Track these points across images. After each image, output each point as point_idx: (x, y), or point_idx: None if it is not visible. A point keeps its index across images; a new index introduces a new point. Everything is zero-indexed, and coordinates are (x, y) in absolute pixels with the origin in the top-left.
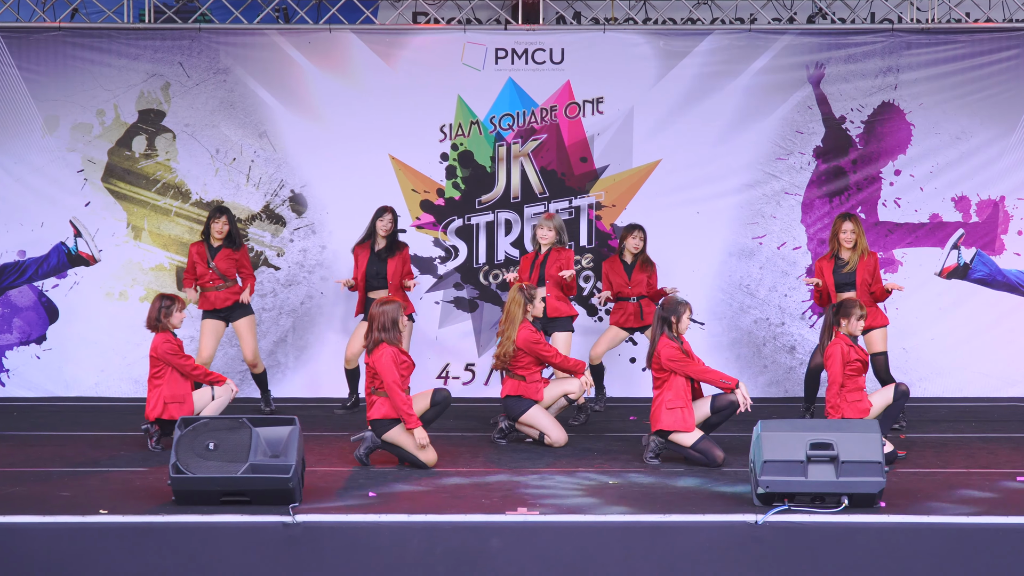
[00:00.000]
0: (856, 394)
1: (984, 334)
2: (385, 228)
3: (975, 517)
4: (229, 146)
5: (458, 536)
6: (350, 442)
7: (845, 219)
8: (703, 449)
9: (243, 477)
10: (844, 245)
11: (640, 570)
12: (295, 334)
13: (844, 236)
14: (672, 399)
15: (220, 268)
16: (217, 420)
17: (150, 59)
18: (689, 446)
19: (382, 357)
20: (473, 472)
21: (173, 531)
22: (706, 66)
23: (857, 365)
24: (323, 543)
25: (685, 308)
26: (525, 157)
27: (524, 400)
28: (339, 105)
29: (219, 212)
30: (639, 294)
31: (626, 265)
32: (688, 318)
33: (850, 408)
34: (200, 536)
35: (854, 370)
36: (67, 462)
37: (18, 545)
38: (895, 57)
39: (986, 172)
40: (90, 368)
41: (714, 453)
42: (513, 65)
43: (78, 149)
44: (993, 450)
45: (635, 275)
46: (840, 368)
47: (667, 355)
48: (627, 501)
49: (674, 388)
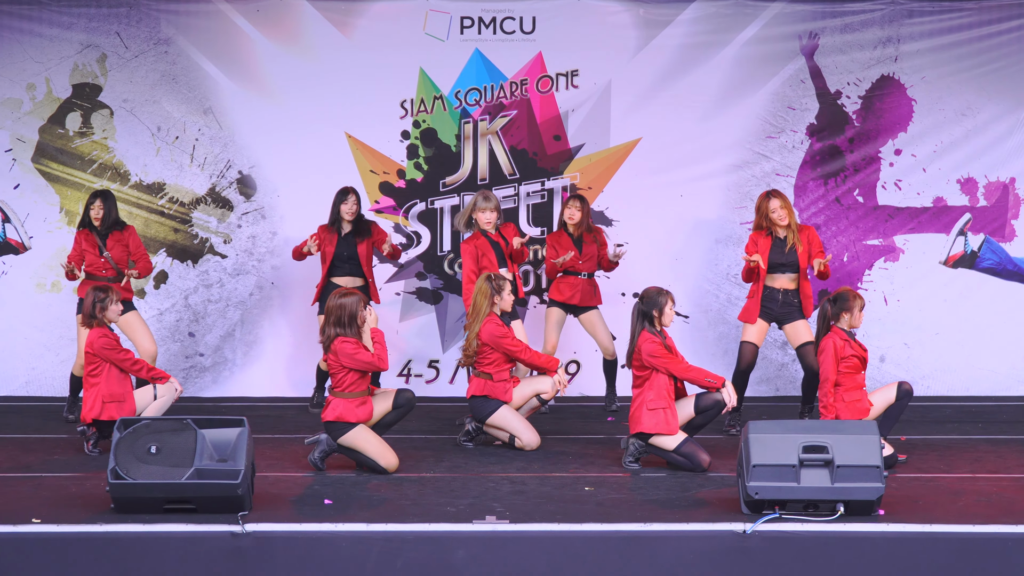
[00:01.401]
0: (854, 393)
1: (993, 328)
2: (350, 211)
3: (981, 526)
4: (171, 123)
5: (421, 547)
6: (304, 445)
7: (771, 197)
8: (687, 453)
9: (188, 483)
10: (779, 224)
11: None
12: (244, 328)
13: (776, 215)
14: (654, 399)
15: (113, 256)
16: (159, 421)
17: (84, 28)
18: (672, 450)
19: (343, 350)
20: (437, 478)
21: (112, 541)
22: (690, 36)
23: (854, 362)
24: (275, 554)
25: (667, 299)
26: (493, 135)
27: (491, 401)
28: (291, 79)
29: (96, 196)
30: (590, 270)
31: (573, 239)
32: (671, 310)
33: (847, 409)
34: (142, 547)
35: (850, 367)
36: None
37: None
38: (895, 27)
39: (994, 151)
40: (19, 365)
41: (699, 457)
42: (480, 35)
43: (6, 127)
44: (1002, 453)
45: (585, 249)
46: (833, 364)
47: (648, 350)
48: (604, 509)
49: (656, 387)
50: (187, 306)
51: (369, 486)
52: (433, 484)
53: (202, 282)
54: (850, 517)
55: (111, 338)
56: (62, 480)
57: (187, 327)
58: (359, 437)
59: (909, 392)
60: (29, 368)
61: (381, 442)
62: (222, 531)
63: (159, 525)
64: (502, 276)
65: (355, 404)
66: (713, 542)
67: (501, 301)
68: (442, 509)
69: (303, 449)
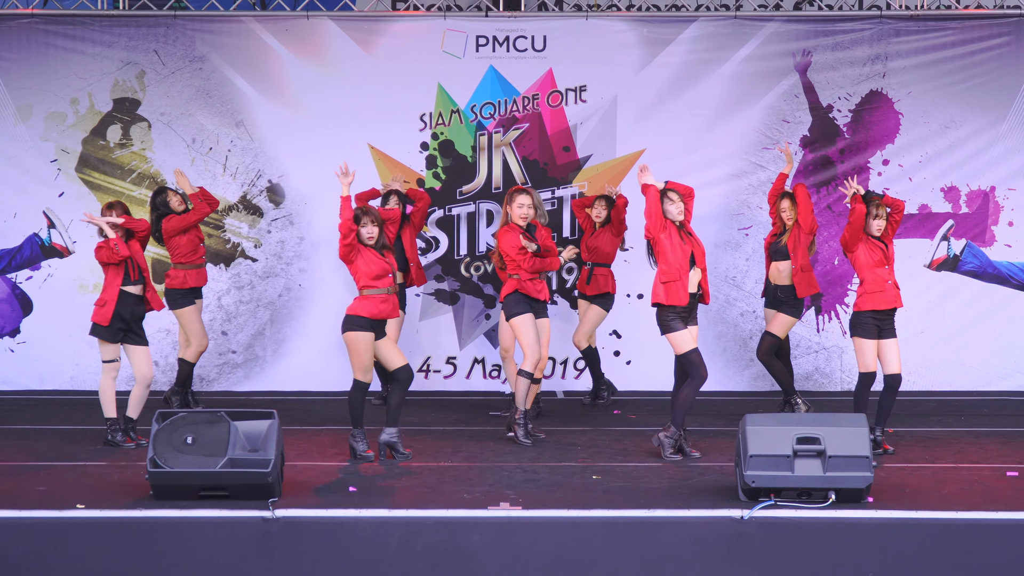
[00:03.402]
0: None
1: (974, 327)
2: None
3: (964, 513)
4: (205, 135)
5: (439, 531)
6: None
7: (784, 198)
8: (694, 361)
9: (222, 472)
10: (788, 222)
11: (624, 566)
12: (273, 327)
13: (787, 215)
14: (666, 271)
15: None
16: (195, 414)
17: (125, 47)
18: (681, 353)
19: None
20: (455, 467)
21: (151, 526)
22: (691, 54)
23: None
24: (302, 538)
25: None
26: (507, 146)
27: (522, 303)
28: (317, 94)
29: None
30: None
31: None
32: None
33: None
34: (178, 531)
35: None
36: (42, 456)
37: None
38: (883, 44)
39: (976, 162)
40: (65, 361)
41: (699, 371)
42: (494, 52)
43: (51, 138)
44: (983, 445)
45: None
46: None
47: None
48: (611, 496)
49: (666, 257)
50: (220, 306)
51: (391, 475)
52: (450, 473)
53: (234, 284)
54: (841, 504)
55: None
56: (104, 468)
57: (220, 326)
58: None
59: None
60: (73, 364)
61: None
62: (253, 516)
63: (194, 511)
64: (523, 188)
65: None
66: (712, 527)
67: (512, 212)
68: (459, 496)
69: (329, 439)
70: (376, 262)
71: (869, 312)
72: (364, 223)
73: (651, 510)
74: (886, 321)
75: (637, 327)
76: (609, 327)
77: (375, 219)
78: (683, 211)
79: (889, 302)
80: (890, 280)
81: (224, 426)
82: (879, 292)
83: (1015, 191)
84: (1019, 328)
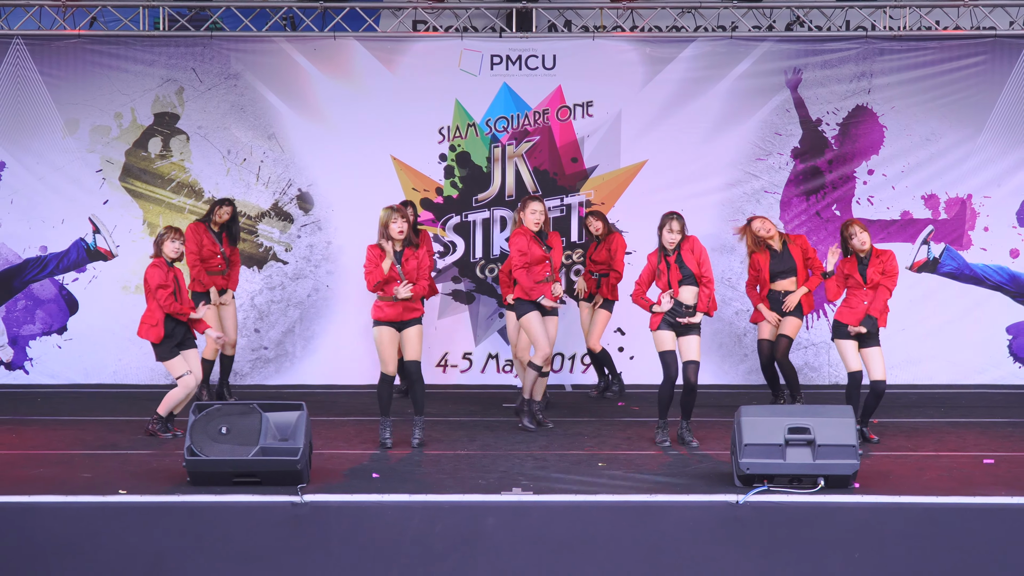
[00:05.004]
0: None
1: (952, 325)
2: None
3: (943, 497)
4: (240, 147)
5: (456, 515)
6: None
7: (751, 222)
8: (665, 361)
9: (254, 459)
10: (768, 237)
11: (627, 547)
12: (302, 325)
13: (763, 232)
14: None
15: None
16: (229, 406)
17: (165, 65)
18: (660, 351)
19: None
20: (470, 455)
21: (188, 510)
22: (690, 71)
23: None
24: (329, 521)
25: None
26: (519, 158)
27: (525, 303)
28: (343, 108)
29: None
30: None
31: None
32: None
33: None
34: (213, 514)
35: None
36: (87, 445)
37: (41, 524)
38: (869, 63)
39: (954, 172)
40: (108, 357)
41: (670, 371)
42: (507, 71)
43: (97, 150)
44: (961, 435)
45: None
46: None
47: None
48: (615, 482)
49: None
50: (253, 306)
51: (411, 462)
52: (467, 460)
53: (266, 285)
54: (829, 489)
55: (161, 270)
56: (145, 457)
57: (253, 324)
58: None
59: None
60: (116, 360)
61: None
62: (283, 501)
63: (228, 496)
64: (536, 197)
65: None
66: (709, 512)
67: (525, 217)
68: (474, 482)
69: (355, 429)
70: (382, 273)
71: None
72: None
73: (652, 495)
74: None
75: (640, 325)
76: (613, 325)
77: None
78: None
79: (857, 319)
80: (866, 301)
81: (256, 417)
82: (851, 309)
83: (990, 199)
84: (994, 325)
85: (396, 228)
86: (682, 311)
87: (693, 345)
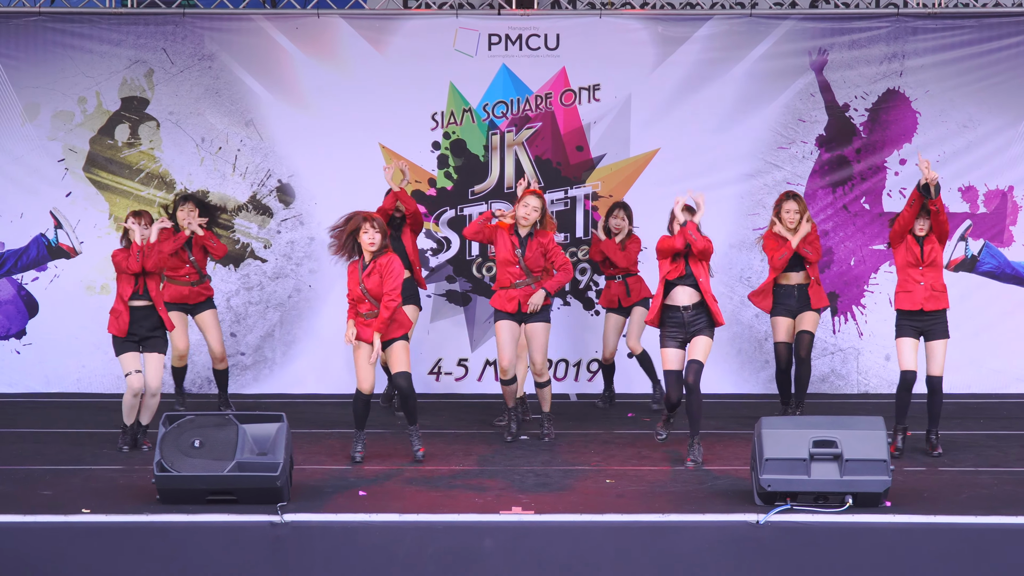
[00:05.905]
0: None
1: (992, 328)
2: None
3: (984, 517)
4: (215, 135)
5: (450, 536)
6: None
7: (789, 198)
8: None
9: (230, 475)
10: (788, 225)
11: (638, 571)
12: (282, 328)
13: (788, 216)
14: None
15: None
16: (203, 417)
17: (133, 45)
18: (664, 370)
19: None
20: (466, 470)
21: (158, 531)
22: (705, 52)
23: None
24: (312, 543)
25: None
26: (519, 146)
27: (498, 311)
28: (327, 93)
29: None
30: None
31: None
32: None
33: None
34: (185, 536)
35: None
36: (48, 460)
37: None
38: (900, 43)
39: (994, 161)
40: (71, 364)
41: (667, 392)
42: (507, 51)
43: (59, 138)
44: (1003, 448)
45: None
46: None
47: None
48: (624, 500)
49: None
50: (229, 307)
51: (401, 478)
52: (462, 476)
53: (243, 285)
54: (858, 508)
55: (126, 250)
56: (110, 472)
57: (229, 327)
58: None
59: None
60: (80, 366)
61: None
62: (262, 521)
63: (202, 515)
64: (537, 193)
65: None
66: (727, 532)
67: (517, 210)
68: (470, 500)
69: (339, 443)
70: (352, 288)
71: (901, 311)
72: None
73: (665, 514)
74: (927, 322)
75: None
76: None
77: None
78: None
79: (916, 303)
80: (923, 281)
81: (232, 429)
82: (907, 292)
83: None
84: None
85: (367, 240)
86: (680, 315)
87: (699, 345)
